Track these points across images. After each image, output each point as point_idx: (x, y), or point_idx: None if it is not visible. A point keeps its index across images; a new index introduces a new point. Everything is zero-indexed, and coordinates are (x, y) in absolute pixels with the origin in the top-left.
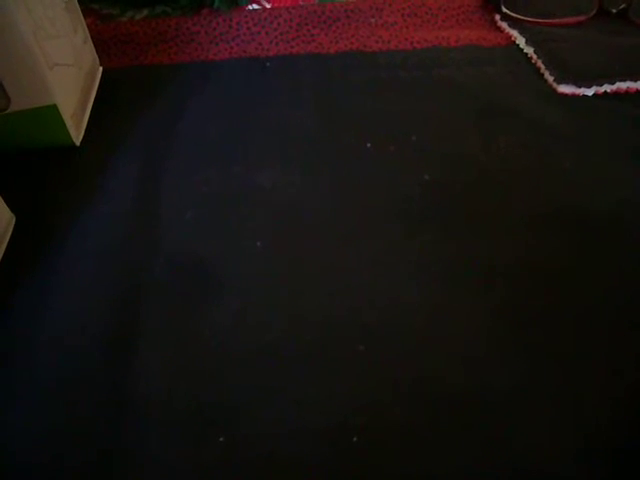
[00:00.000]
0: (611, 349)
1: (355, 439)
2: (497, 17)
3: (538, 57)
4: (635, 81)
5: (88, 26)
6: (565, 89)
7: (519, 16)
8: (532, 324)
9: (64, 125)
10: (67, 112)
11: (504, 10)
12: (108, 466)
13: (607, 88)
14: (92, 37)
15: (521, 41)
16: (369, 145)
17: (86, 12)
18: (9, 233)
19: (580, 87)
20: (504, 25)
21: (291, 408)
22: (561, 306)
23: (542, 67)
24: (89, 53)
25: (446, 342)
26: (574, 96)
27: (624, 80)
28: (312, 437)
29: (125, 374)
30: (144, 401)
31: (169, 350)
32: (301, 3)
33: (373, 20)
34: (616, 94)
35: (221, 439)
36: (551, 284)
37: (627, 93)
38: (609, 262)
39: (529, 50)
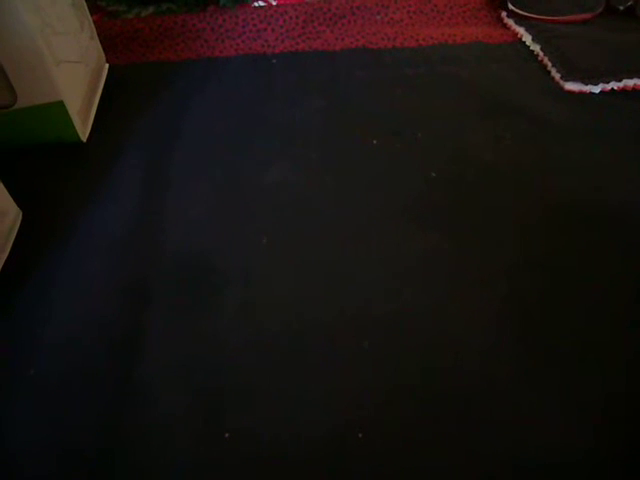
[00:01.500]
0: (613, 345)
1: (360, 435)
2: (503, 14)
3: (545, 54)
4: None
5: (95, 23)
6: (572, 86)
7: (526, 13)
8: (535, 322)
9: (71, 121)
10: (74, 108)
11: (510, 7)
12: (110, 465)
13: (614, 85)
14: (98, 34)
15: (527, 38)
16: (375, 142)
17: (93, 9)
18: (16, 228)
19: (587, 84)
20: (510, 22)
21: (296, 404)
22: (563, 305)
23: (549, 64)
24: (95, 50)
25: (449, 339)
26: (581, 93)
27: (631, 77)
28: (317, 433)
29: (129, 370)
30: (147, 398)
31: (173, 346)
32: (307, 0)
33: (379, 17)
34: (623, 91)
35: (226, 435)
36: (554, 281)
37: (634, 90)
38: (613, 260)
39: (536, 47)
